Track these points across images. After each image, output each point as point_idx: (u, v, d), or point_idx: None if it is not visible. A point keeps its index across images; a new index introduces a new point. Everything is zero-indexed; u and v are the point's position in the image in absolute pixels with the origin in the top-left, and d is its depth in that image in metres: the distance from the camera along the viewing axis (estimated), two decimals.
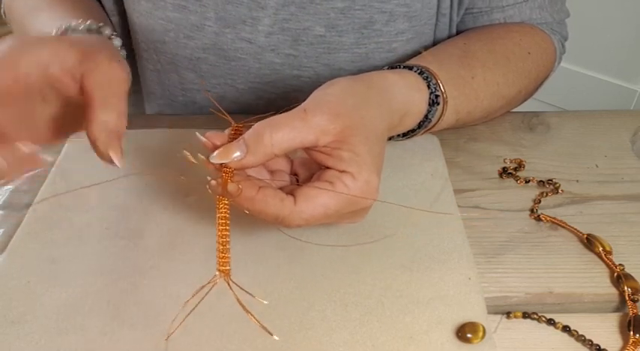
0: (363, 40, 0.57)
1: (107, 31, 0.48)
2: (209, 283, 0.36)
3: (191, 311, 0.35)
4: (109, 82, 0.39)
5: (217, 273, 0.36)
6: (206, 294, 0.35)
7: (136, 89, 0.71)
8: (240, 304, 0.35)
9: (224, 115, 0.41)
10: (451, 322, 0.40)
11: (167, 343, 0.38)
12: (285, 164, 0.43)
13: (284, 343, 0.38)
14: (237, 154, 0.37)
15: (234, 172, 0.38)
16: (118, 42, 0.48)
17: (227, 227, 0.37)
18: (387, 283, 0.42)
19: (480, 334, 0.38)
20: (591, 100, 1.52)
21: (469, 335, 0.38)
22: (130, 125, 0.58)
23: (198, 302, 0.35)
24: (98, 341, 0.39)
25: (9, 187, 0.52)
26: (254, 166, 0.39)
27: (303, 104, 0.40)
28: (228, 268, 0.36)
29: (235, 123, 0.40)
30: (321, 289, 0.42)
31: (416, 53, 0.60)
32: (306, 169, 0.43)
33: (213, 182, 0.37)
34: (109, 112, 0.38)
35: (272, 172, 0.43)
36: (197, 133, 0.40)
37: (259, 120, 0.39)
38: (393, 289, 0.42)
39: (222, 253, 0.36)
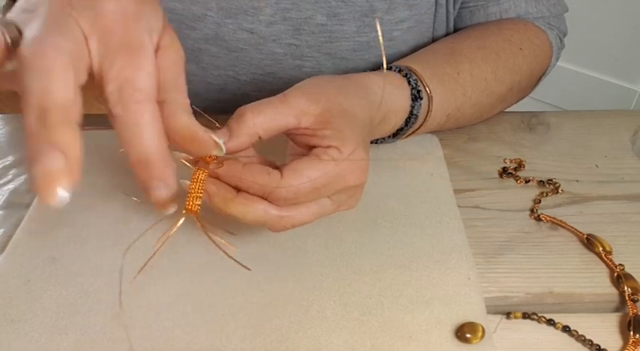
0: (365, 29, 0.57)
1: None
2: (175, 220, 0.35)
3: (157, 251, 0.35)
4: (177, 63, 0.36)
5: (184, 211, 0.35)
6: (173, 231, 0.35)
7: None
8: (211, 238, 0.34)
9: (211, 119, 0.41)
10: (450, 322, 0.40)
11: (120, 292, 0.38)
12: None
13: (283, 343, 0.38)
14: (222, 140, 0.37)
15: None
16: None
17: (202, 186, 0.36)
18: (387, 282, 0.42)
19: (479, 334, 0.38)
20: (591, 100, 1.52)
21: (468, 335, 0.38)
22: None
23: (165, 240, 0.35)
24: (98, 341, 0.39)
25: (9, 187, 0.52)
26: (239, 150, 0.38)
27: (284, 91, 0.40)
28: (198, 208, 0.36)
29: (220, 126, 0.40)
30: (320, 289, 0.42)
31: (416, 43, 0.60)
32: None
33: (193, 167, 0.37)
34: (184, 96, 0.36)
35: None
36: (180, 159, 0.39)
37: None
38: (392, 289, 0.42)
39: (193, 198, 0.36)
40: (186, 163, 0.38)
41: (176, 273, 0.43)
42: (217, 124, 0.40)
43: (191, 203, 0.36)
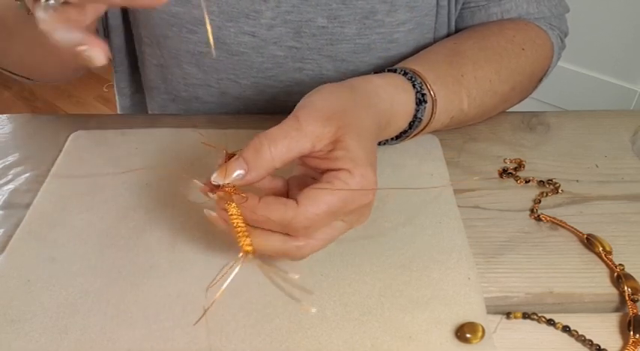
0: (365, 31, 0.57)
1: None
2: (233, 264, 0.35)
3: (219, 294, 0.35)
4: None
5: (241, 254, 0.36)
6: (233, 274, 0.35)
7: (137, 89, 0.71)
8: (268, 276, 0.35)
9: (212, 146, 0.41)
10: (450, 322, 0.40)
11: (206, 325, 0.38)
12: (282, 187, 0.43)
13: (283, 343, 0.38)
14: (239, 172, 0.37)
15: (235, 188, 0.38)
16: None
17: (242, 219, 0.37)
18: (387, 282, 0.42)
19: (479, 334, 0.38)
20: (591, 100, 1.52)
21: (468, 335, 0.38)
22: (131, 125, 0.58)
23: (226, 283, 0.35)
24: (98, 341, 0.39)
25: (9, 187, 0.52)
26: (257, 182, 0.39)
27: (293, 113, 0.40)
28: (251, 247, 0.36)
29: (227, 151, 0.40)
30: (320, 289, 0.42)
31: (417, 44, 0.60)
32: (302, 188, 0.42)
33: (214, 196, 0.37)
34: None
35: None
36: (196, 181, 0.40)
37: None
38: (392, 289, 0.42)
39: (242, 238, 0.37)
40: (209, 195, 0.38)
41: (176, 273, 0.43)
42: (225, 150, 0.39)
43: (243, 243, 0.37)
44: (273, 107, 0.63)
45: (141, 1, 0.32)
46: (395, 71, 0.50)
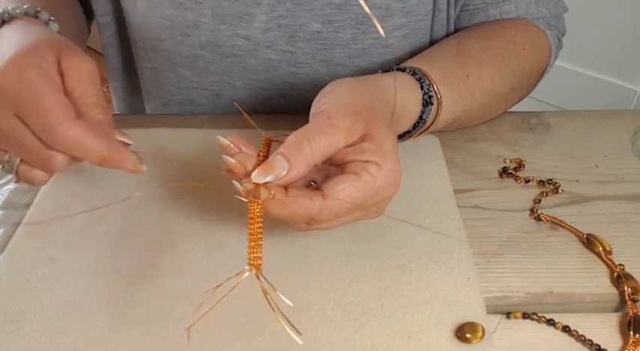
0: (360, 36, 0.57)
1: (44, 15, 0.45)
2: (238, 274, 0.35)
3: (218, 302, 0.35)
4: (81, 80, 0.39)
5: (247, 266, 0.35)
6: (234, 287, 0.34)
7: (132, 92, 0.71)
8: (268, 300, 0.34)
9: (251, 122, 0.41)
10: (450, 322, 0.40)
11: (188, 333, 0.37)
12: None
13: (283, 343, 0.38)
14: (281, 171, 0.37)
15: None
16: (55, 27, 0.46)
17: (260, 226, 0.36)
18: (387, 282, 0.42)
19: (479, 334, 0.38)
20: (591, 100, 1.52)
21: (468, 335, 0.38)
22: (130, 125, 0.58)
23: (226, 294, 0.35)
24: (98, 340, 0.39)
25: (9, 187, 0.52)
26: (296, 180, 0.38)
27: (324, 112, 0.40)
28: (259, 262, 0.35)
29: (265, 134, 0.40)
30: (320, 289, 0.42)
31: (412, 49, 0.60)
32: (322, 173, 0.42)
33: (241, 187, 0.37)
34: (98, 111, 0.39)
35: None
36: (219, 137, 0.39)
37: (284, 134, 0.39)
38: (392, 289, 0.42)
39: (254, 248, 0.36)
40: (240, 197, 0.37)
41: (176, 273, 0.43)
42: (263, 133, 0.39)
43: (253, 256, 0.36)
44: (268, 109, 0.63)
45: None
46: (403, 70, 0.50)
